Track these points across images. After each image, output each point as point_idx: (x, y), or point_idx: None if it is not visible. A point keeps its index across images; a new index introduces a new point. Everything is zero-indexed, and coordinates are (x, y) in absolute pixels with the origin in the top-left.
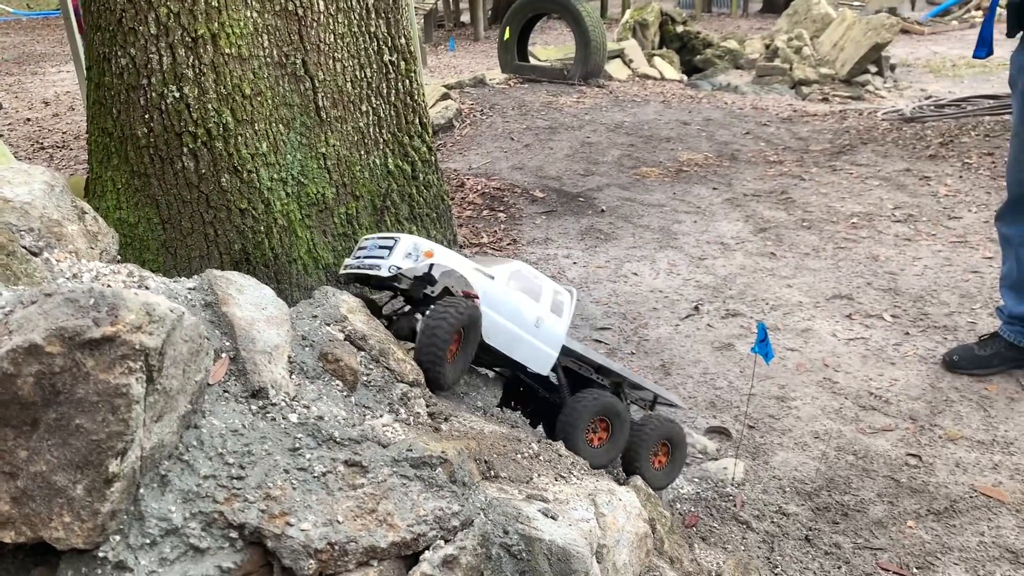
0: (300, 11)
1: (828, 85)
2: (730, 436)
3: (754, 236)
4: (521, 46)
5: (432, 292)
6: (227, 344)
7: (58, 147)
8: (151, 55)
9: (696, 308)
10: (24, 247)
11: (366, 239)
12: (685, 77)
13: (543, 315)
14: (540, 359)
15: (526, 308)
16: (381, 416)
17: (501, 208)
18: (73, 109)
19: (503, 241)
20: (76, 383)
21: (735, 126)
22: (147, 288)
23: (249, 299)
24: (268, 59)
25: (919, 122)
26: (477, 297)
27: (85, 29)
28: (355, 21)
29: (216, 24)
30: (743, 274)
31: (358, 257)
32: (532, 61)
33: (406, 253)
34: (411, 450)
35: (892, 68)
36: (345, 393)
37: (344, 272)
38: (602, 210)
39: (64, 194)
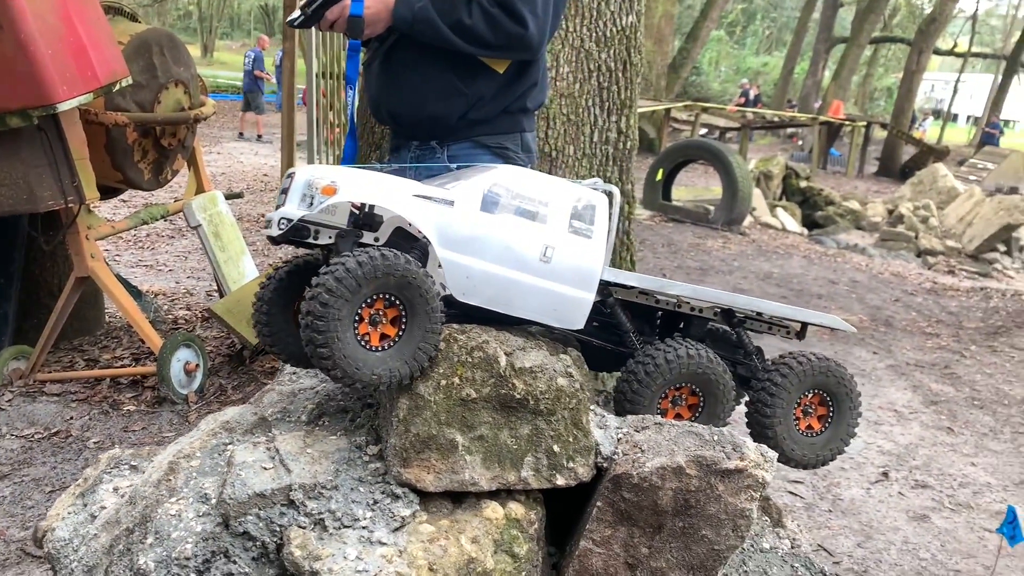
0: (553, 153)
1: (954, 258)
2: None
3: (926, 408)
4: (666, 186)
5: (377, 240)
6: None
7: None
8: None
9: (885, 475)
10: None
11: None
12: (805, 231)
13: (554, 241)
14: (565, 308)
15: (519, 237)
16: None
17: None
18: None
19: None
20: (708, 502)
21: (882, 291)
22: None
23: None
24: None
25: None
26: (425, 241)
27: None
28: (596, 166)
29: None
30: (923, 446)
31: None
32: (673, 201)
33: (300, 196)
34: None
35: (1021, 249)
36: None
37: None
38: None
39: None
